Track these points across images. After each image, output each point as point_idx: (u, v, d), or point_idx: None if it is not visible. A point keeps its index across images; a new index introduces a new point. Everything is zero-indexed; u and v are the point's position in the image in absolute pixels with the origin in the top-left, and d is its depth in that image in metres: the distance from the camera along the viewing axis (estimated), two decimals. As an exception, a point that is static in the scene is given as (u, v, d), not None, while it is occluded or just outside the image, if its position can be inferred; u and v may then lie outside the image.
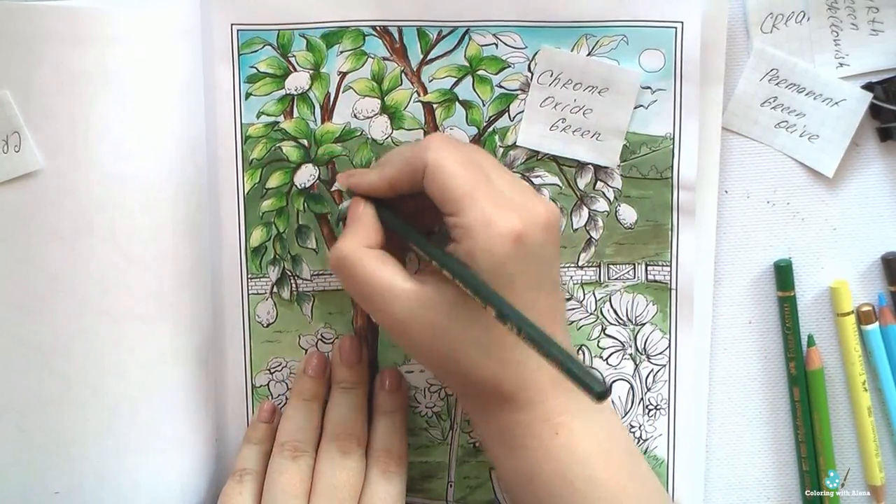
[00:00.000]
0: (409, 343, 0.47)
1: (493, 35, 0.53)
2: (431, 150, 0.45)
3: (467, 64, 0.53)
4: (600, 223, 0.54)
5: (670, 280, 0.54)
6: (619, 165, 0.53)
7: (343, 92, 0.53)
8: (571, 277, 0.54)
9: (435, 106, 0.53)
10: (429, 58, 0.53)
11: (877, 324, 0.55)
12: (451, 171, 0.45)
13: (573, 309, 0.55)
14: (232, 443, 0.55)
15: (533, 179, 0.54)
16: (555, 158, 0.54)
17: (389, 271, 0.46)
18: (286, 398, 0.55)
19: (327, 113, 0.53)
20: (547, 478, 0.46)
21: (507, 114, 0.53)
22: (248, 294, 0.55)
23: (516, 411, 0.46)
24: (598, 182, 0.54)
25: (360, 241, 0.47)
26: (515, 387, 0.46)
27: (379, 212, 0.48)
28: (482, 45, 0.53)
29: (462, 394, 0.49)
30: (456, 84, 0.53)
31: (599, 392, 0.39)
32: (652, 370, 0.55)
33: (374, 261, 0.46)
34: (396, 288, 0.46)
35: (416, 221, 0.48)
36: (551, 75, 0.53)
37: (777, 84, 0.54)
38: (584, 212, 0.54)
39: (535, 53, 0.53)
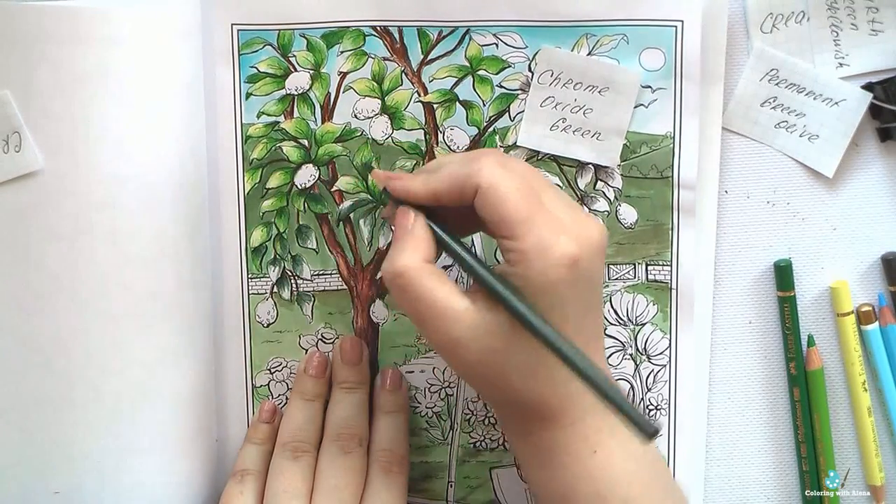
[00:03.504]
0: (459, 363, 0.45)
1: (494, 35, 0.53)
2: (485, 171, 0.43)
3: (468, 64, 0.53)
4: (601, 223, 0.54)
5: (670, 280, 0.54)
6: (619, 165, 0.53)
7: (343, 92, 0.53)
8: (572, 277, 0.54)
9: (435, 106, 0.53)
10: (429, 58, 0.53)
11: (877, 324, 0.55)
12: (507, 196, 0.43)
13: (573, 309, 0.55)
14: (232, 443, 0.55)
15: (533, 179, 0.54)
16: (555, 158, 0.54)
17: (446, 291, 0.44)
18: (287, 398, 0.55)
19: (328, 113, 0.53)
20: (583, 497, 0.45)
21: (507, 114, 0.53)
22: (249, 294, 0.55)
23: (557, 429, 0.45)
24: (599, 182, 0.54)
25: (419, 255, 0.44)
26: (559, 407, 0.45)
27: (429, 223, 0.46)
28: (482, 45, 0.53)
29: (504, 413, 0.48)
30: (456, 84, 0.53)
31: (651, 432, 0.39)
32: (652, 370, 0.55)
33: (431, 279, 0.44)
34: (454, 309, 0.44)
35: (457, 223, 0.47)
36: (551, 75, 0.53)
37: (777, 84, 0.54)
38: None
39: (536, 53, 0.53)
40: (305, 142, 0.54)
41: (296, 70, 0.53)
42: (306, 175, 0.54)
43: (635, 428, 0.40)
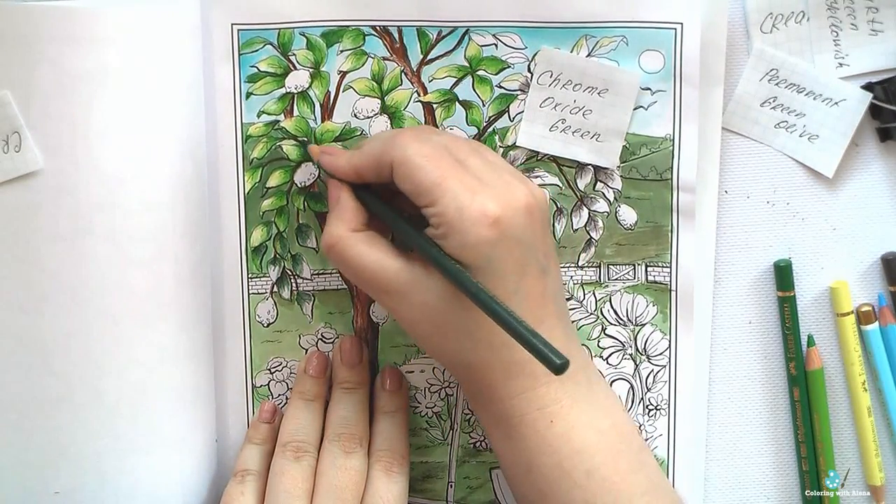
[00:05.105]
0: (403, 320, 0.47)
1: (493, 35, 0.53)
2: (397, 148, 0.46)
3: (467, 64, 0.53)
4: (600, 224, 0.54)
5: (670, 281, 0.54)
6: (618, 166, 0.53)
7: (343, 91, 0.53)
8: (571, 277, 0.54)
9: (435, 106, 0.53)
10: (429, 58, 0.53)
11: (877, 324, 0.55)
12: (418, 165, 0.45)
13: (573, 309, 0.55)
14: (232, 443, 0.55)
15: (533, 179, 0.54)
16: (555, 159, 0.54)
17: (377, 254, 0.47)
18: (287, 398, 0.55)
19: (327, 112, 0.53)
20: (545, 469, 0.46)
21: (506, 114, 0.53)
22: (249, 294, 0.55)
23: (509, 399, 0.46)
24: (598, 183, 0.54)
25: (346, 225, 0.48)
26: (505, 372, 0.46)
27: (358, 193, 0.49)
28: (482, 46, 0.53)
29: (461, 379, 0.49)
30: (456, 84, 0.53)
31: (558, 364, 0.40)
32: (652, 370, 0.55)
33: (361, 244, 0.47)
34: (388, 268, 0.46)
35: (401, 200, 0.48)
36: (551, 76, 0.53)
37: (777, 84, 0.54)
38: (584, 212, 0.54)
39: (535, 54, 0.53)
40: (305, 140, 0.54)
41: (295, 68, 0.53)
42: (306, 174, 0.54)
43: (542, 361, 0.41)
